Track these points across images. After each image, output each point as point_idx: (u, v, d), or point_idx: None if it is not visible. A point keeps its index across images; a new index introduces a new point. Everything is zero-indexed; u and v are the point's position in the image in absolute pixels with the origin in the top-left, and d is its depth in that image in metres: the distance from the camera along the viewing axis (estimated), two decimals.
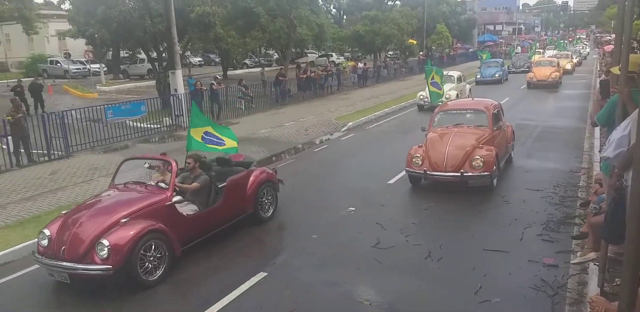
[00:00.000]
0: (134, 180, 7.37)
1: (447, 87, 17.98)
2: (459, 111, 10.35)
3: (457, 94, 18.71)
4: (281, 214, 8.40)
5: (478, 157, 8.65)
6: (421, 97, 19.02)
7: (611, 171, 4.35)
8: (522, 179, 9.79)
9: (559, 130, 14.56)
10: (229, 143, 8.38)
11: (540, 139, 13.47)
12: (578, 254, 5.79)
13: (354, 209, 8.46)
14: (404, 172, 9.62)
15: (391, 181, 9.93)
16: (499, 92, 21.76)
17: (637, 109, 3.79)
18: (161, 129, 16.32)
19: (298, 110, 20.24)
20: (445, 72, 20.08)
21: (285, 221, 8.24)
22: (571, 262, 5.82)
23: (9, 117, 12.15)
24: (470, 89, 20.62)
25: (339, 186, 10.02)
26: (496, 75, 27.07)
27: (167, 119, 16.78)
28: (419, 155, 9.05)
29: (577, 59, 36.29)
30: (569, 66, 30.51)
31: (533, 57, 33.87)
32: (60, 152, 12.98)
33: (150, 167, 7.80)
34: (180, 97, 16.86)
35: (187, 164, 7.29)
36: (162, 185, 6.74)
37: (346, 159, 12.27)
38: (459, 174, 8.67)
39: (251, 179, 7.88)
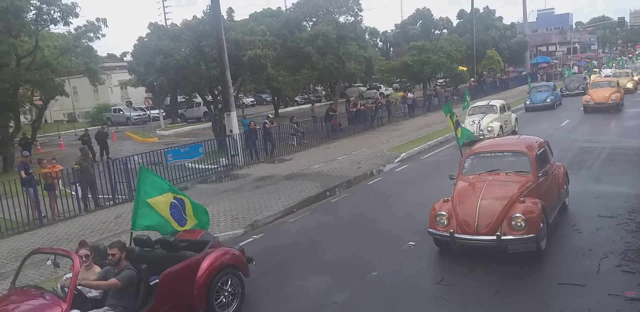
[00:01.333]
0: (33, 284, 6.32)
1: (488, 118, 17.04)
2: (494, 154, 8.36)
3: (501, 126, 17.17)
4: (339, 250, 8.25)
5: (519, 214, 6.74)
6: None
7: None
8: (593, 205, 9.19)
9: (627, 151, 13.73)
10: (190, 222, 7.03)
11: (608, 161, 12.72)
12: None
13: (413, 243, 8.19)
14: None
15: None
16: (552, 120, 20.89)
17: None
18: (218, 169, 16.74)
19: (349, 143, 20.27)
20: (486, 102, 19.30)
21: (344, 257, 8.08)
22: None
23: (77, 166, 12.86)
24: (516, 119, 19.03)
25: (396, 219, 9.78)
26: (548, 101, 24.91)
27: (223, 159, 17.22)
28: (444, 212, 7.24)
29: (639, 77, 33.09)
30: (630, 85, 28.15)
31: (590, 78, 31.31)
32: (124, 196, 13.52)
33: (54, 264, 5.93)
34: (235, 138, 17.32)
35: (110, 257, 5.62)
36: (66, 290, 5.25)
37: (402, 191, 12.03)
38: (494, 237, 6.77)
39: (204, 265, 6.03)
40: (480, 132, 16.34)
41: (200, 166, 16.52)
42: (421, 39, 40.43)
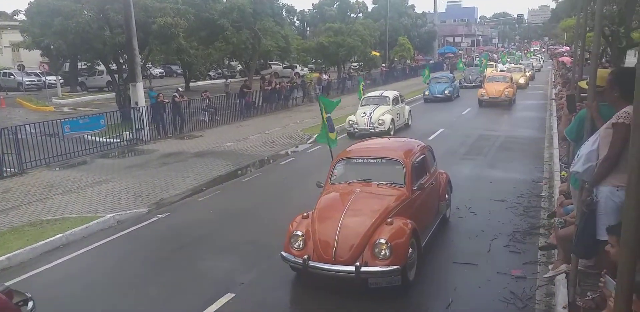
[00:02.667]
0: None
1: (380, 110, 16.09)
2: (366, 160, 7.05)
3: (393, 119, 16.26)
4: (248, 230, 8.19)
5: (383, 240, 5.58)
6: (350, 122, 16.18)
7: (581, 186, 4.40)
8: (487, 189, 9.89)
9: (520, 140, 14.89)
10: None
11: (502, 149, 13.73)
12: (550, 266, 5.83)
13: None
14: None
15: None
16: (448, 112, 21.44)
17: (605, 124, 3.85)
18: (121, 143, 15.85)
19: (263, 122, 20.08)
20: (379, 93, 18.07)
21: (253, 237, 8.03)
22: (544, 276, 5.86)
23: None
24: (410, 112, 18.32)
25: (307, 199, 9.86)
26: (445, 92, 24.87)
27: (127, 132, 16.32)
28: (300, 232, 5.94)
29: (530, 73, 34.75)
30: (522, 80, 29.00)
31: (485, 71, 31.42)
32: (13, 169, 12.39)
33: None
34: (141, 110, 16.46)
35: None
36: None
37: (313, 172, 12.15)
38: (353, 268, 5.53)
39: None
40: (371, 125, 15.65)
41: (101, 139, 15.54)
42: (337, 21, 40.72)
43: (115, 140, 15.74)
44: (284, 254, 5.99)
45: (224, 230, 8.47)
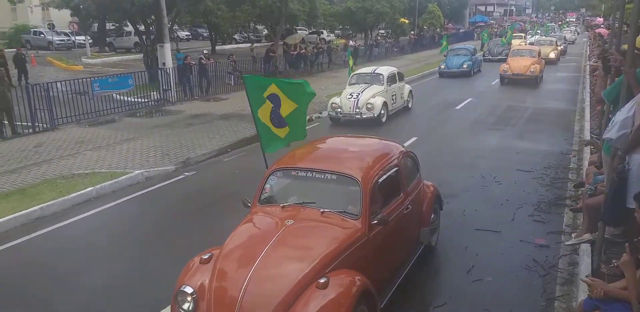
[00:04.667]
0: None
1: (370, 92, 13.19)
2: (310, 173, 4.86)
3: (385, 103, 13.26)
4: None
5: None
6: (334, 105, 13.34)
7: (613, 153, 4.32)
8: (513, 160, 9.78)
9: (549, 112, 14.59)
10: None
11: (531, 120, 13.48)
12: (573, 235, 5.82)
13: None
14: None
15: None
16: (464, 88, 19.72)
17: None
18: (148, 103, 16.03)
19: None
20: (371, 69, 14.85)
21: None
22: (566, 243, 5.86)
23: None
24: (411, 92, 15.33)
25: None
26: (464, 66, 22.26)
27: (154, 93, 16.47)
28: (190, 288, 3.99)
29: (562, 46, 31.32)
30: (552, 55, 26.13)
31: (509, 44, 28.74)
32: (45, 125, 12.69)
33: None
34: (168, 71, 16.50)
35: None
36: None
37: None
38: None
39: None
40: (358, 110, 12.88)
41: (129, 98, 15.71)
42: None
43: (142, 100, 15.92)
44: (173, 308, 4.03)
45: (248, 189, 8.58)
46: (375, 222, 4.46)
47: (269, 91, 5.81)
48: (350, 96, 13.23)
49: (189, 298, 3.91)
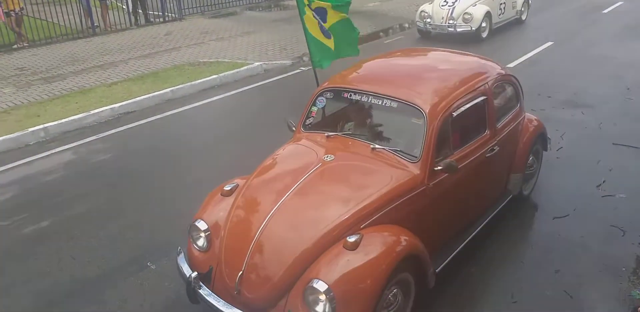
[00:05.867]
0: None
1: (465, 1, 10.82)
2: (366, 97, 3.80)
3: (489, 12, 10.78)
4: None
5: (321, 286, 2.79)
6: (423, 14, 11.10)
7: None
8: None
9: None
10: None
11: None
12: None
13: None
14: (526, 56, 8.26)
15: (512, 64, 9.10)
16: None
17: None
18: None
19: None
20: None
21: None
22: None
23: None
24: (527, 1, 12.38)
25: None
26: None
27: None
28: (203, 224, 3.39)
29: None
30: None
31: None
32: (173, 14, 13.21)
33: None
34: None
35: None
36: None
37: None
38: None
39: None
40: (451, 22, 10.65)
41: None
42: None
43: None
44: (180, 256, 3.50)
45: None
46: (439, 168, 3.38)
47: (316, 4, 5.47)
48: (445, 3, 10.95)
49: (202, 234, 3.36)
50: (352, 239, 2.91)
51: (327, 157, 3.52)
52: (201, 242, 3.37)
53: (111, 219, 4.77)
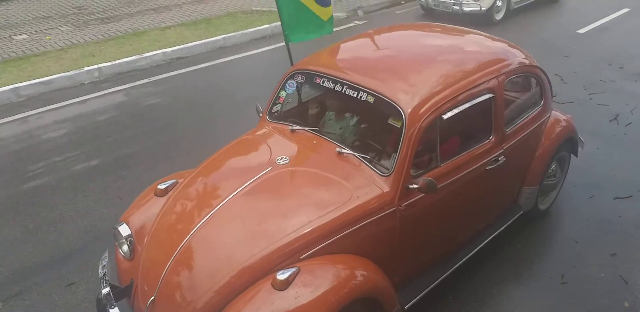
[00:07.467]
0: None
1: None
2: (337, 86, 3.01)
3: None
4: None
5: None
6: None
7: None
8: None
9: None
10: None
11: None
12: None
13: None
14: (598, 23, 7.70)
15: (582, 30, 8.48)
16: None
17: None
18: None
19: None
20: None
21: None
22: None
23: None
24: None
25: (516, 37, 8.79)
26: None
27: None
28: (126, 230, 2.87)
29: None
30: None
31: None
32: None
33: None
34: None
35: None
36: None
37: None
38: None
39: None
40: (457, 0, 8.73)
41: None
42: None
43: None
44: (101, 264, 2.88)
45: None
46: (414, 186, 2.62)
47: None
48: None
49: (124, 240, 2.84)
50: (282, 275, 2.26)
51: (281, 159, 2.85)
52: (124, 248, 2.85)
53: (158, 163, 4.82)
